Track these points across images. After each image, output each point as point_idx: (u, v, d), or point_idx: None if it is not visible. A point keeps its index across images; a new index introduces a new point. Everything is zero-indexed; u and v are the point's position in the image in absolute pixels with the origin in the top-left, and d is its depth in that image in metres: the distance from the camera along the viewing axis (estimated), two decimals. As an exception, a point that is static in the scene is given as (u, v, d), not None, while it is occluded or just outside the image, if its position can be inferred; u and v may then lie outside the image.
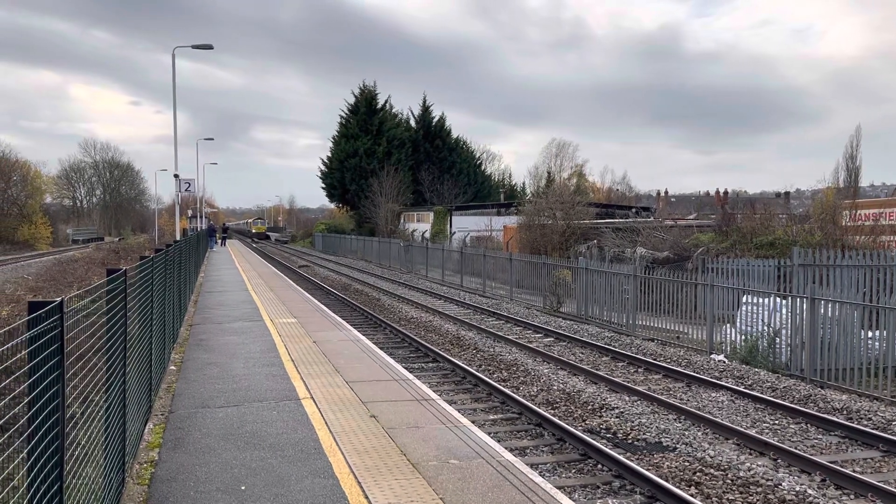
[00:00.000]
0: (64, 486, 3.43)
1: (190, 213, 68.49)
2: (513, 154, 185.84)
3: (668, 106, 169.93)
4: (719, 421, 9.45)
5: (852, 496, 7.11)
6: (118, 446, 5.27)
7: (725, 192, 58.36)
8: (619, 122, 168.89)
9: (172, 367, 10.49)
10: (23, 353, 3.01)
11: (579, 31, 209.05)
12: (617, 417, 9.85)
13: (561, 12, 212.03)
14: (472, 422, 8.31)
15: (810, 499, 6.92)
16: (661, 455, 8.32)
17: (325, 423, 7.56)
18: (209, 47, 31.71)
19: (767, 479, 7.42)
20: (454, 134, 71.07)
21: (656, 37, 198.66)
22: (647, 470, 7.59)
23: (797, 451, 8.21)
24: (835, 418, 9.74)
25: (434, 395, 8.97)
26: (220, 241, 57.27)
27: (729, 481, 7.44)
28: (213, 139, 73.77)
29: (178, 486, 5.75)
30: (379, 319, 19.10)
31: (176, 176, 33.85)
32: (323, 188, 71.81)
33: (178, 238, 30.87)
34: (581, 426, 9.48)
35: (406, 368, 11.31)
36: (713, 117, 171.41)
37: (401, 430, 7.32)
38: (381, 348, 12.99)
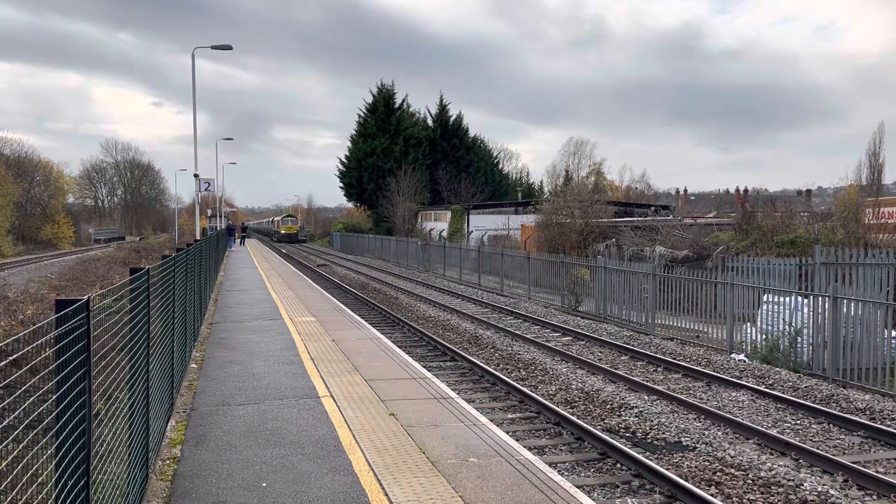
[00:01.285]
0: (90, 481, 3.49)
1: (209, 212, 69.04)
2: (531, 153, 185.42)
3: (688, 104, 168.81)
4: (740, 420, 9.38)
5: (875, 497, 7.04)
6: (142, 443, 5.34)
7: (746, 191, 57.83)
8: (639, 120, 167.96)
9: (193, 365, 10.60)
10: (49, 351, 3.06)
11: (599, 29, 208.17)
12: (636, 417, 9.81)
13: (581, 10, 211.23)
14: (491, 420, 8.32)
15: (832, 499, 6.86)
16: (681, 455, 8.28)
17: (345, 420, 7.60)
18: (228, 48, 31.94)
19: (789, 480, 7.36)
20: (471, 133, 71.06)
21: (677, 35, 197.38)
22: (667, 469, 7.55)
23: (819, 452, 8.13)
24: (858, 418, 9.63)
25: (452, 394, 8.99)
26: (239, 241, 57.71)
27: (750, 481, 7.39)
28: (232, 139, 73.82)
29: (201, 483, 5.82)
30: (397, 318, 19.15)
31: (196, 176, 34.16)
32: (341, 187, 72.14)
33: (197, 237, 31.16)
34: (600, 425, 9.45)
35: (424, 367, 11.34)
36: (734, 115, 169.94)
37: (420, 429, 7.35)
38: (399, 347, 13.03)
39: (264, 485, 5.77)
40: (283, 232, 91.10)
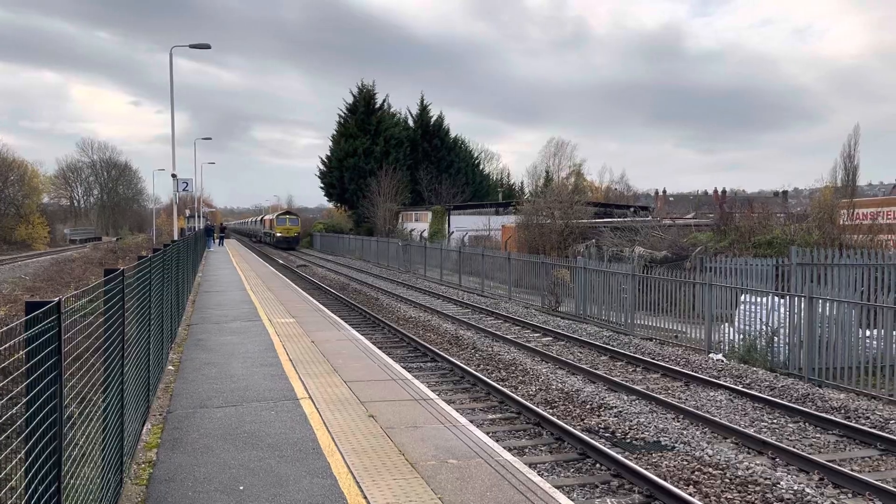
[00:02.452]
0: (62, 486, 3.42)
1: (188, 212, 68.40)
2: (512, 154, 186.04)
3: (669, 105, 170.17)
4: (718, 420, 9.46)
5: (850, 495, 7.12)
6: (116, 446, 5.26)
7: (724, 191, 58.41)
8: (620, 121, 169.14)
9: (171, 367, 10.48)
10: (20, 353, 3.00)
11: (581, 30, 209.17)
12: (615, 417, 9.85)
13: (563, 11, 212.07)
14: (471, 421, 8.31)
15: (808, 497, 6.93)
16: (660, 454, 8.33)
17: (324, 422, 7.55)
18: (206, 47, 31.66)
19: (766, 478, 7.43)
20: (452, 133, 71.04)
21: (658, 36, 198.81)
22: (646, 469, 7.59)
23: (795, 450, 8.22)
24: (833, 417, 9.75)
25: (432, 395, 8.97)
26: (217, 241, 57.24)
27: (727, 480, 7.44)
28: (210, 139, 73.00)
29: (177, 487, 5.75)
30: (377, 319, 19.09)
31: (173, 176, 33.80)
32: (321, 188, 71.83)
33: (175, 238, 30.84)
34: (580, 425, 9.48)
35: (404, 368, 11.31)
36: (714, 116, 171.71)
37: (399, 430, 7.32)
38: (379, 348, 12.99)
39: (241, 488, 5.71)
40: (278, 234, 68.73)
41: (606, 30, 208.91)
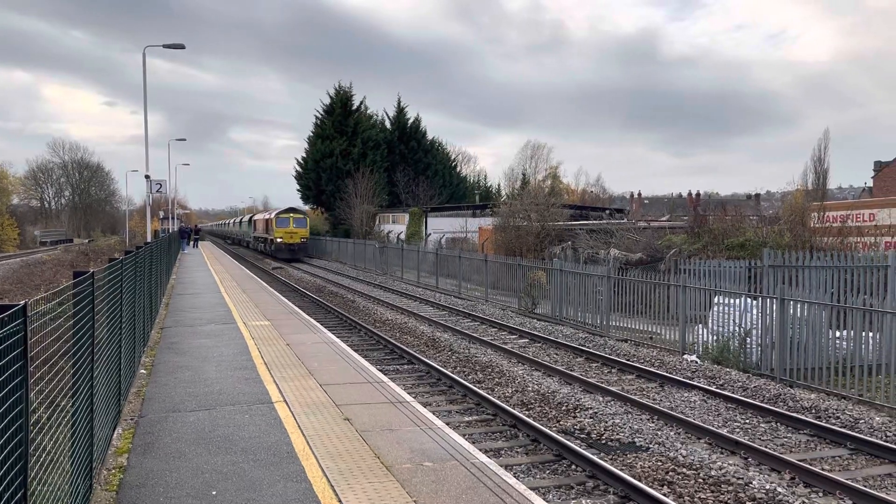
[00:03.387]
0: (28, 493, 3.35)
1: (161, 214, 67.60)
2: (490, 156, 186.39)
3: (645, 109, 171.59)
4: (691, 421, 9.54)
5: (821, 493, 7.22)
6: (86, 452, 5.17)
7: (698, 194, 59.06)
8: (597, 125, 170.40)
9: (143, 371, 10.33)
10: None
11: (559, 34, 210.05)
12: (591, 418, 9.90)
13: (541, 15, 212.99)
14: (447, 424, 8.30)
15: (780, 497, 7.02)
16: (635, 455, 8.38)
17: (299, 426, 7.49)
18: (181, 47, 31.35)
19: (738, 478, 7.51)
20: (430, 135, 70.99)
21: (634, 41, 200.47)
22: (621, 470, 7.63)
23: (767, 450, 8.32)
24: (804, 417, 9.89)
25: (409, 398, 8.94)
26: (192, 243, 56.62)
27: (701, 480, 7.51)
28: (185, 140, 72.23)
29: (148, 492, 5.66)
30: (353, 321, 19.01)
31: (147, 177, 33.42)
32: (298, 189, 71.31)
33: (149, 240, 30.46)
34: (555, 427, 9.51)
35: (381, 371, 11.27)
36: (689, 120, 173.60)
37: (375, 433, 7.29)
38: (355, 351, 12.93)
39: (214, 493, 5.64)
40: (278, 240, 51.01)
41: (584, 34, 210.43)
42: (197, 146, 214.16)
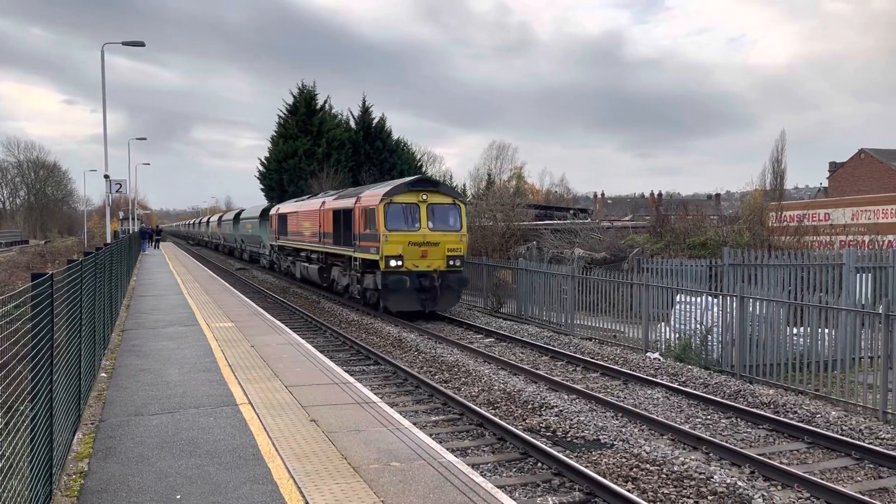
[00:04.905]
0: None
1: (121, 215, 66.32)
2: (456, 156, 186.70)
3: (610, 111, 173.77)
4: (655, 417, 9.69)
5: (779, 487, 7.40)
6: (45, 457, 5.06)
7: (660, 194, 59.97)
8: (562, 126, 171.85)
9: (103, 375, 10.13)
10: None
11: (525, 35, 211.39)
12: (556, 416, 10.00)
13: (507, 17, 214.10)
14: (414, 423, 8.31)
15: (740, 490, 7.17)
16: (600, 452, 8.49)
17: (264, 428, 7.43)
18: (141, 44, 30.77)
19: (700, 473, 7.66)
20: (395, 135, 70.84)
21: (599, 43, 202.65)
22: (586, 467, 7.73)
23: (728, 445, 8.49)
24: (763, 412, 10.11)
25: (375, 398, 8.92)
26: (153, 245, 55.62)
27: (664, 476, 7.64)
28: (145, 139, 70.96)
29: (110, 497, 5.56)
30: (319, 322, 18.89)
31: (106, 177, 32.73)
32: (261, 189, 70.53)
33: (108, 241, 29.86)
34: (521, 425, 9.58)
35: (347, 371, 11.22)
36: (652, 122, 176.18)
37: (341, 434, 7.26)
38: (321, 352, 12.85)
39: (178, 497, 5.56)
40: (394, 264, 19.07)
41: (550, 35, 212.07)
42: (159, 146, 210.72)
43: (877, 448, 8.44)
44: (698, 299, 14.34)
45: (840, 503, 6.86)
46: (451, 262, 19.60)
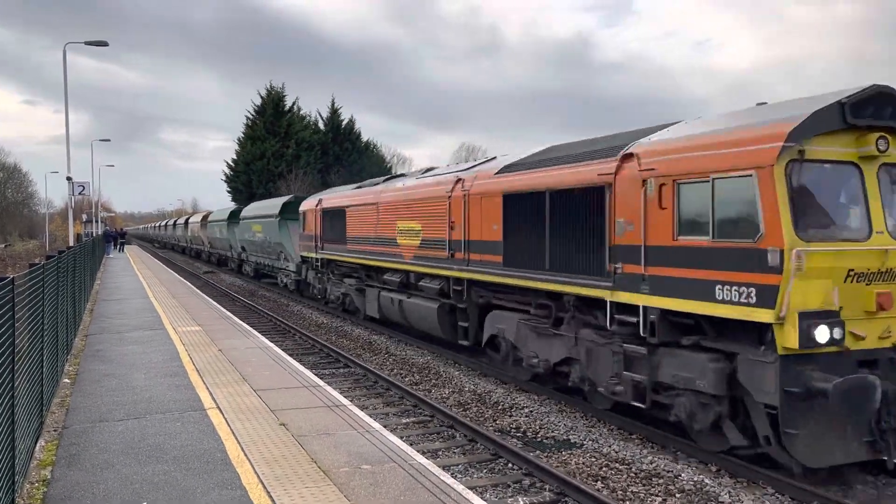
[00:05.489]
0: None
1: (85, 217, 65.07)
2: (426, 158, 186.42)
3: (578, 112, 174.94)
4: (623, 417, 9.77)
5: (745, 483, 7.53)
6: (7, 465, 4.94)
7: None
8: (531, 128, 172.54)
9: (66, 381, 9.93)
10: None
11: (495, 38, 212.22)
12: (526, 417, 10.04)
13: (477, 19, 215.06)
14: (385, 426, 8.29)
15: (707, 487, 7.28)
16: (570, 452, 8.55)
17: (233, 432, 7.35)
18: (104, 44, 30.27)
19: (668, 471, 7.76)
20: (365, 137, 70.73)
21: (568, 46, 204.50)
22: (556, 467, 7.78)
23: (695, 444, 8.60)
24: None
25: (345, 401, 8.88)
26: (117, 247, 54.70)
27: (633, 474, 7.72)
28: (109, 140, 69.99)
29: (74, 506, 5.45)
30: (288, 326, 18.73)
31: (69, 179, 32.13)
32: (229, 192, 69.83)
33: (71, 244, 29.30)
34: (492, 426, 9.61)
35: (316, 375, 11.15)
36: (620, 124, 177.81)
37: (311, 438, 7.21)
38: (290, 355, 12.75)
39: (145, 503, 5.48)
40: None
41: (519, 38, 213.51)
42: (123, 147, 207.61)
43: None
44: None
45: (805, 500, 7.00)
46: None
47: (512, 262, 10.98)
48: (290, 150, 63.92)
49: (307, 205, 22.95)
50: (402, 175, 19.59)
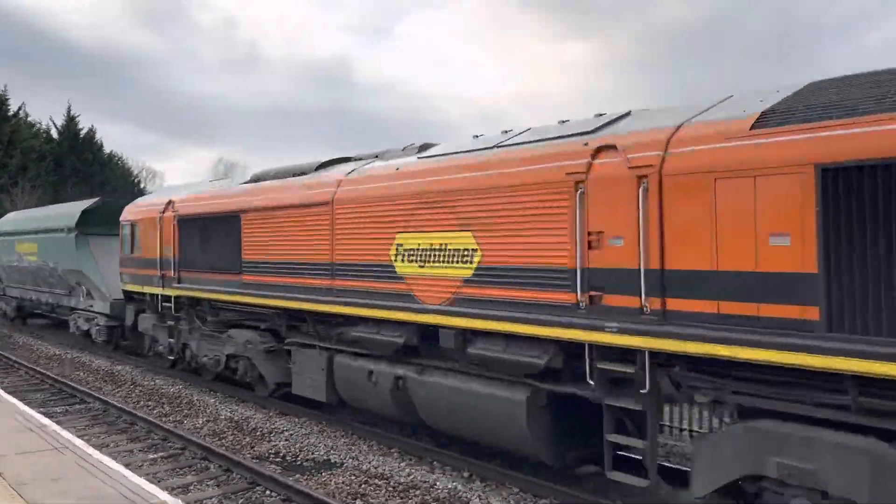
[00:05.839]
0: None
1: None
2: (180, 171, 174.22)
3: (342, 130, 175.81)
4: (382, 433, 9.94)
5: (494, 485, 8.00)
6: None
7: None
8: (296, 143, 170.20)
9: None
10: None
11: (254, 52, 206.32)
12: (286, 440, 9.79)
13: (235, 33, 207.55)
14: (127, 465, 7.60)
15: (460, 493, 7.63)
16: (330, 472, 8.47)
17: (-70, 490, 6.23)
18: None
19: (424, 482, 8.00)
20: (108, 148, 64.96)
21: (330, 65, 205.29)
22: (315, 489, 7.66)
23: (448, 452, 8.98)
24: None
25: (79, 442, 7.98)
26: None
27: (391, 488, 7.85)
28: None
29: None
30: (10, 360, 16.43)
31: None
32: (-66, 207, 59.89)
33: None
34: (249, 454, 9.22)
35: (44, 414, 9.92)
36: (385, 143, 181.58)
37: (35, 485, 6.35)
38: (11, 393, 11.18)
39: None
40: None
41: (281, 54, 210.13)
42: None
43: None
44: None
45: (563, 500, 7.59)
46: None
47: None
48: (14, 159, 56.59)
49: (142, 211, 14.94)
50: (387, 152, 10.41)
